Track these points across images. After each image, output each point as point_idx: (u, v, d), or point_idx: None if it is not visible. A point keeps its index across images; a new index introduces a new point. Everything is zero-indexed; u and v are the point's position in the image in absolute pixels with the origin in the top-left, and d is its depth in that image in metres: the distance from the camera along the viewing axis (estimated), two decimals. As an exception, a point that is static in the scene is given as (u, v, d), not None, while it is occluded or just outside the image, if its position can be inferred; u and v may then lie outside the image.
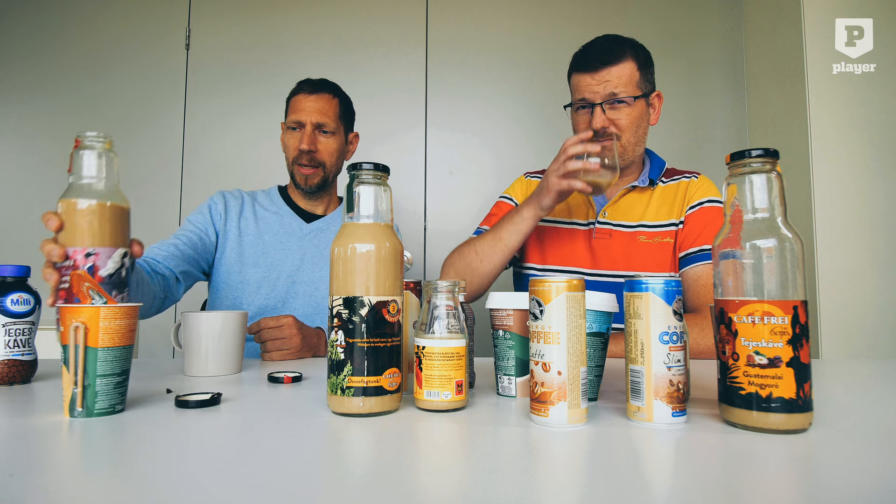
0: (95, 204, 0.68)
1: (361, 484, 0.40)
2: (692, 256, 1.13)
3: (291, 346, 1.02)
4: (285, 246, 1.29)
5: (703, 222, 1.14)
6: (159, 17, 2.16)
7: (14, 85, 2.16)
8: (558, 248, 1.21)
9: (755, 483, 0.39)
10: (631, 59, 1.12)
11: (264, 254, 1.28)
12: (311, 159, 1.28)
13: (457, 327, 0.61)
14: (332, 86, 1.33)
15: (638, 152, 1.17)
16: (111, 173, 0.71)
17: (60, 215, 0.67)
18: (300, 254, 1.29)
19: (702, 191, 1.18)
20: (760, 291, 0.51)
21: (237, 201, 1.33)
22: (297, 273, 1.27)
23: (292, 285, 1.26)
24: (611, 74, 1.10)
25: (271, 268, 1.27)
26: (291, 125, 1.29)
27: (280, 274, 1.27)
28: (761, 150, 0.53)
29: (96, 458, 0.47)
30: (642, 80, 1.13)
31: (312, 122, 1.27)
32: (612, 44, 1.13)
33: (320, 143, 1.29)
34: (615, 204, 1.20)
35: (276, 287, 1.26)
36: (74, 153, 0.70)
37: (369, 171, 0.61)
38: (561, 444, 0.48)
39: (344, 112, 1.34)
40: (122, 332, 0.58)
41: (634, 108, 1.12)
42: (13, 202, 2.09)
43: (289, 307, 1.25)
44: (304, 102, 1.28)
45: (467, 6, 2.14)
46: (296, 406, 0.63)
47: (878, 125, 1.71)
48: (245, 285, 1.25)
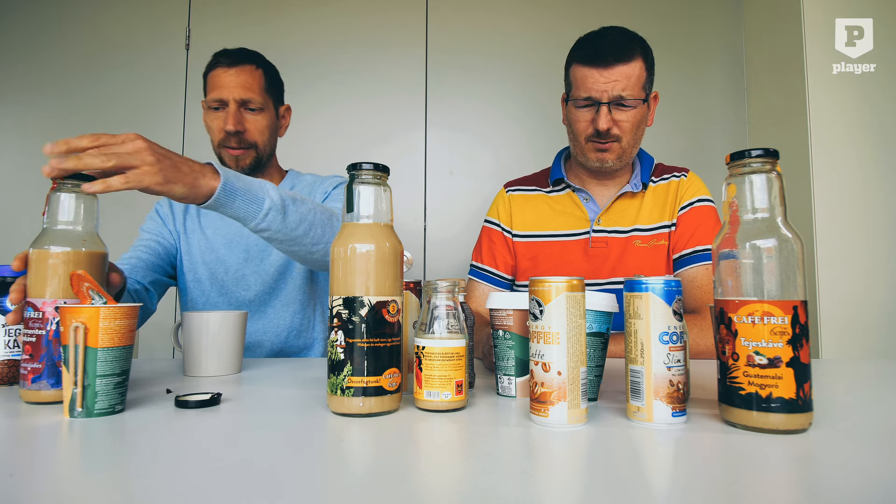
0: (70, 252, 0.65)
1: (361, 484, 0.40)
2: (687, 258, 1.11)
3: (140, 161, 0.68)
4: (229, 238, 1.23)
5: (696, 222, 1.12)
6: (159, 17, 2.16)
7: (14, 85, 2.16)
8: (554, 263, 1.18)
9: (755, 483, 0.39)
10: (640, 59, 1.07)
11: (210, 250, 1.22)
12: (241, 140, 1.17)
13: (457, 327, 0.61)
14: (254, 55, 1.21)
15: (633, 154, 1.16)
16: (90, 218, 0.68)
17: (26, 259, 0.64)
18: (244, 243, 1.22)
19: (692, 190, 1.16)
20: (760, 291, 0.51)
21: None
22: (246, 264, 1.21)
23: (241, 278, 1.20)
24: (622, 73, 1.04)
25: (218, 263, 1.21)
26: (213, 104, 1.16)
27: (228, 268, 1.21)
28: (761, 150, 0.53)
29: (96, 458, 0.47)
30: (647, 81, 1.10)
31: (236, 98, 1.15)
32: (624, 39, 1.07)
33: (248, 121, 1.17)
34: (608, 211, 1.17)
35: (226, 283, 1.20)
36: (51, 195, 0.66)
37: (369, 171, 0.61)
38: (561, 445, 0.48)
39: (270, 84, 1.21)
40: (122, 332, 0.58)
41: (639, 110, 1.08)
42: (13, 203, 2.09)
43: (244, 300, 1.20)
44: (223, 77, 1.15)
45: (467, 6, 2.14)
46: (296, 406, 0.63)
47: (878, 125, 1.71)
48: (198, 284, 1.21)
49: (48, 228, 0.66)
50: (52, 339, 0.63)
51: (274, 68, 1.25)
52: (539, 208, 1.23)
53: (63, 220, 0.66)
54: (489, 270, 1.23)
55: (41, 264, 0.64)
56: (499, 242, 1.24)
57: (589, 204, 1.19)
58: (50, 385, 0.63)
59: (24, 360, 0.63)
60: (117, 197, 2.00)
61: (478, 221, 1.96)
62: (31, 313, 0.63)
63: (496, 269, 1.22)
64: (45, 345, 0.63)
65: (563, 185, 1.22)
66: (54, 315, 0.63)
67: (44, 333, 0.63)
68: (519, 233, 1.23)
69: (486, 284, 1.23)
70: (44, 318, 0.63)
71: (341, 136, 2.10)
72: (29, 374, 0.63)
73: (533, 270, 1.20)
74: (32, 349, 0.63)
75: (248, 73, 1.17)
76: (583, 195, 1.19)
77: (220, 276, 1.21)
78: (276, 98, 1.25)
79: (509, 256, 1.23)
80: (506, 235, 1.24)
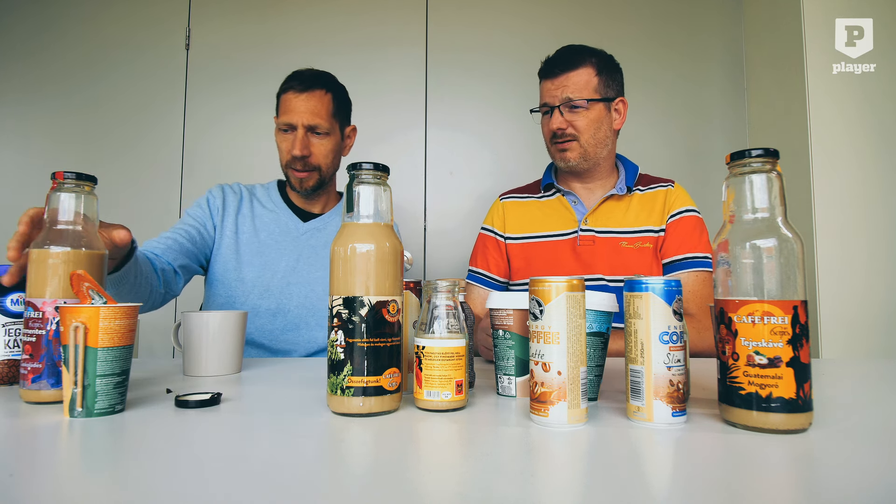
0: (70, 252, 0.65)
1: (361, 484, 0.40)
2: (677, 263, 1.18)
3: None
4: (281, 245, 1.27)
5: (685, 231, 1.20)
6: (159, 17, 2.16)
7: (14, 85, 2.15)
8: (545, 261, 1.25)
9: (755, 483, 0.39)
10: (589, 66, 1.19)
11: (259, 253, 1.25)
12: (305, 164, 1.22)
13: (457, 327, 0.61)
14: (325, 79, 1.24)
15: (601, 154, 1.23)
16: (89, 218, 0.68)
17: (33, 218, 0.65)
18: (296, 253, 1.26)
19: (679, 200, 1.23)
20: (760, 291, 0.51)
21: (235, 197, 1.30)
22: (293, 273, 1.25)
23: (287, 286, 1.24)
24: (568, 80, 1.19)
25: (266, 267, 1.24)
26: (283, 127, 1.22)
27: (275, 274, 1.24)
28: (761, 150, 0.53)
29: (96, 458, 0.47)
30: (601, 85, 1.20)
31: (304, 124, 1.20)
32: (571, 52, 1.21)
33: (314, 146, 1.22)
34: (595, 212, 1.24)
35: (271, 287, 1.23)
36: (51, 195, 0.66)
37: (369, 171, 0.61)
38: (561, 444, 0.48)
39: (338, 108, 1.26)
40: (122, 332, 0.58)
41: (591, 111, 1.19)
42: (13, 203, 2.09)
43: (284, 308, 1.23)
44: (294, 102, 1.20)
45: (468, 5, 2.14)
46: (296, 406, 0.63)
47: (877, 125, 1.71)
48: (241, 283, 1.23)
49: (48, 228, 0.66)
50: (52, 339, 0.63)
51: (344, 90, 1.30)
52: (531, 213, 1.31)
53: (63, 220, 0.66)
54: (483, 273, 1.31)
55: (41, 264, 0.64)
56: (492, 247, 1.32)
57: (577, 206, 1.27)
58: (50, 385, 0.62)
59: (24, 360, 0.63)
60: (117, 197, 1.99)
61: (477, 221, 1.96)
62: (31, 313, 0.63)
63: (489, 272, 1.31)
64: (45, 344, 0.63)
65: (552, 189, 1.31)
66: (54, 315, 0.63)
67: (44, 333, 0.63)
68: (512, 236, 1.31)
69: (481, 287, 1.31)
70: (44, 318, 0.63)
71: (341, 136, 2.10)
72: (29, 374, 0.62)
73: (527, 269, 1.27)
74: (32, 349, 0.63)
75: (317, 98, 1.21)
76: (571, 198, 1.28)
77: (265, 280, 1.23)
78: (343, 120, 1.29)
79: (501, 260, 1.31)
80: (499, 240, 1.32)
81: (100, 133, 2.12)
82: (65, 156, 2.10)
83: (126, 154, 2.11)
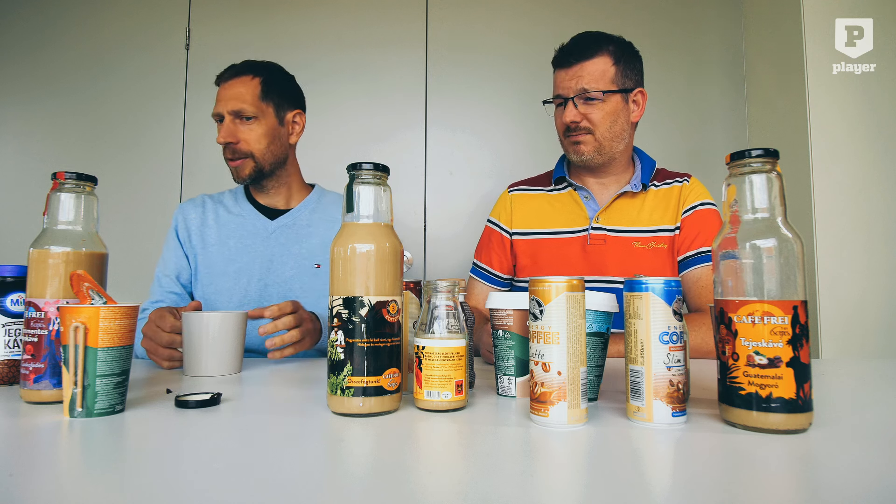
0: (70, 252, 0.65)
1: (361, 484, 0.40)
2: (691, 259, 1.13)
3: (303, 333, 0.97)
4: (251, 249, 1.23)
5: (700, 225, 1.14)
6: (159, 17, 2.16)
7: (14, 85, 2.15)
8: (552, 259, 1.20)
9: (755, 483, 0.39)
10: (606, 55, 1.12)
11: (231, 260, 1.22)
12: (234, 151, 1.18)
13: (457, 327, 0.61)
14: (254, 65, 1.21)
15: (617, 148, 1.16)
16: (89, 218, 0.68)
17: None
18: (268, 254, 1.23)
19: (694, 194, 1.18)
20: (760, 291, 0.51)
21: (197, 211, 1.27)
22: (268, 274, 1.21)
23: (264, 288, 1.21)
24: (583, 70, 1.11)
25: (240, 274, 1.21)
26: (215, 119, 1.19)
27: (251, 278, 1.21)
28: (761, 150, 0.53)
29: (96, 458, 0.47)
30: (619, 75, 1.13)
31: (228, 111, 1.16)
32: (587, 40, 1.14)
33: (241, 132, 1.17)
34: (608, 209, 1.19)
35: (249, 292, 1.21)
36: (51, 195, 0.66)
37: (369, 171, 0.61)
38: (561, 444, 0.48)
39: (269, 91, 1.20)
40: (122, 332, 0.58)
41: (608, 102, 1.12)
42: (13, 202, 2.09)
43: None
44: (220, 92, 1.18)
45: (467, 6, 2.13)
46: (296, 406, 0.63)
47: (877, 125, 1.71)
48: (219, 294, 1.21)
49: (48, 228, 0.66)
50: (54, 339, 0.63)
51: (280, 75, 1.25)
52: (540, 206, 1.25)
53: (63, 220, 0.66)
54: (486, 269, 1.28)
55: (41, 264, 0.64)
56: (496, 242, 1.28)
57: (589, 202, 1.21)
58: (52, 385, 0.63)
59: (25, 360, 0.63)
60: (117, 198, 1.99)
61: (477, 221, 1.96)
62: (32, 313, 0.63)
63: (492, 268, 1.27)
64: (47, 344, 0.63)
65: (564, 183, 1.25)
66: (56, 315, 0.63)
67: (46, 333, 0.63)
68: (519, 230, 1.26)
69: (484, 283, 1.28)
70: (46, 318, 0.63)
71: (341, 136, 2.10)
72: (31, 374, 0.62)
73: (532, 267, 1.22)
74: (34, 349, 0.63)
75: (242, 83, 1.18)
76: (583, 193, 1.22)
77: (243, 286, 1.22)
78: (280, 103, 1.23)
79: (505, 257, 1.27)
80: (504, 235, 1.27)
81: (100, 133, 2.12)
82: (65, 156, 2.10)
83: (126, 154, 2.10)
